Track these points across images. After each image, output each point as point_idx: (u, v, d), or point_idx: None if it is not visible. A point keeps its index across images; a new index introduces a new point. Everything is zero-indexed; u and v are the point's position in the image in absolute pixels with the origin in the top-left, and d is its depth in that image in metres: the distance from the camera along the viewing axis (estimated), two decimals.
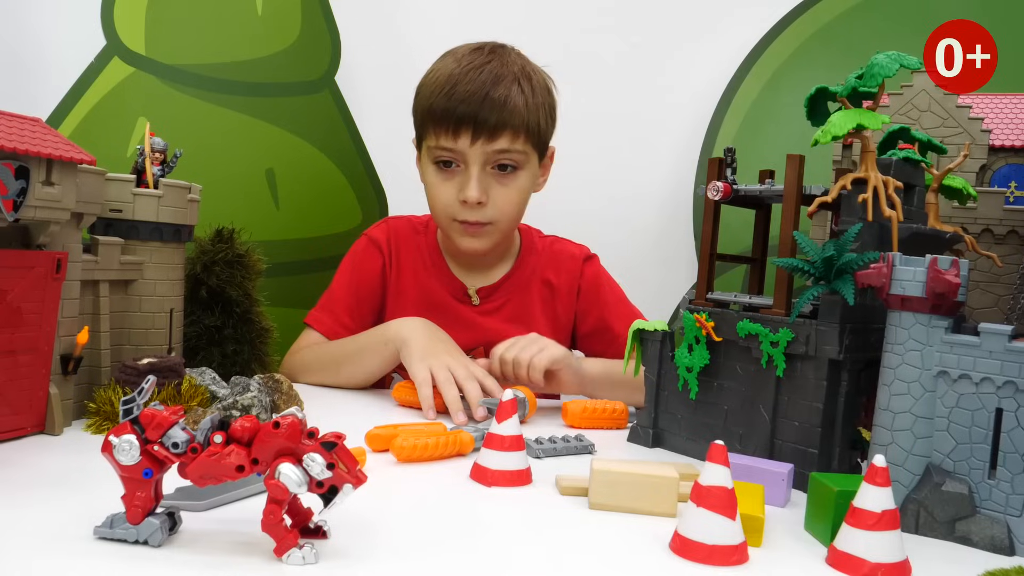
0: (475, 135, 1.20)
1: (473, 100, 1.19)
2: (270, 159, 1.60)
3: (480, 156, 1.22)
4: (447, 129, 1.20)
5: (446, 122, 1.20)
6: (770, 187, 0.89)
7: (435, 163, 1.26)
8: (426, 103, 1.23)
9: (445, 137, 1.21)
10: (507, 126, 1.21)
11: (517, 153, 1.24)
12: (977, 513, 0.72)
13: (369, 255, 1.37)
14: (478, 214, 1.24)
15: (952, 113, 1.09)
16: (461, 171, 1.24)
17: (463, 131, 1.20)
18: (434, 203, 1.29)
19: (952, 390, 0.73)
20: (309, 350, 1.28)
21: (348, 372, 1.21)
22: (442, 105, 1.20)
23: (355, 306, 1.34)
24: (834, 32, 1.70)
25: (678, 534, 0.64)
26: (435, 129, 1.22)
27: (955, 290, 0.71)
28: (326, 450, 0.56)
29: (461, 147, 1.21)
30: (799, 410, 0.85)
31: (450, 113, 1.19)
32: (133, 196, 0.93)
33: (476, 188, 1.22)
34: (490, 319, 1.35)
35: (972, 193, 0.92)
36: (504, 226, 1.29)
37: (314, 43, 1.67)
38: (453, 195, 1.24)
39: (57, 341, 0.83)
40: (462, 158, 1.23)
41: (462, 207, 1.24)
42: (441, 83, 1.21)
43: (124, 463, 0.56)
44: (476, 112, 1.19)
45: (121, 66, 1.47)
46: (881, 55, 0.79)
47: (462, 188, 1.23)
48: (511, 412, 0.79)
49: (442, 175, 1.26)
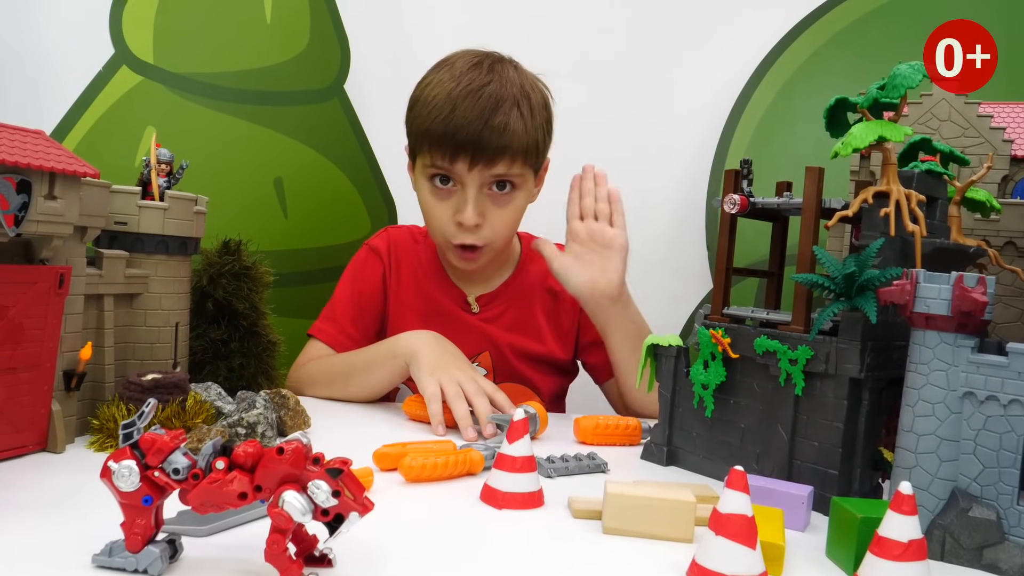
0: (473, 161, 1.18)
1: (472, 127, 1.17)
2: (278, 168, 1.59)
3: (477, 179, 1.21)
4: (444, 153, 1.19)
5: (443, 146, 1.18)
6: (788, 200, 0.87)
7: (429, 179, 1.24)
8: (422, 124, 1.21)
9: (441, 159, 1.20)
10: (506, 152, 1.19)
11: (515, 176, 1.24)
12: (1006, 540, 0.69)
13: (370, 264, 1.37)
14: (473, 236, 1.23)
15: (973, 123, 1.07)
16: (457, 191, 1.23)
17: (461, 156, 1.18)
18: (429, 222, 1.29)
19: (979, 412, 0.70)
20: (315, 363, 1.27)
21: (356, 386, 1.20)
22: (440, 129, 1.18)
23: (358, 316, 1.33)
24: (849, 39, 1.67)
25: (696, 563, 0.61)
26: (431, 150, 1.20)
27: (982, 309, 0.69)
28: (331, 477, 0.54)
29: (458, 171, 1.20)
30: (818, 430, 0.82)
31: (448, 138, 1.17)
32: (138, 208, 0.92)
33: (473, 212, 1.21)
34: (491, 326, 1.34)
35: (996, 206, 0.90)
36: (498, 246, 1.29)
37: (323, 51, 1.66)
38: (449, 216, 1.23)
39: (60, 357, 0.82)
40: (459, 179, 1.22)
41: (457, 228, 1.23)
42: (439, 105, 1.19)
43: (123, 489, 0.54)
44: (475, 139, 1.17)
45: (129, 75, 1.46)
46: (903, 65, 0.76)
47: (459, 210, 1.22)
48: (523, 432, 0.77)
49: (438, 193, 1.24)
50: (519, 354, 1.34)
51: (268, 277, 1.09)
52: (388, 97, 1.73)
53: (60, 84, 1.43)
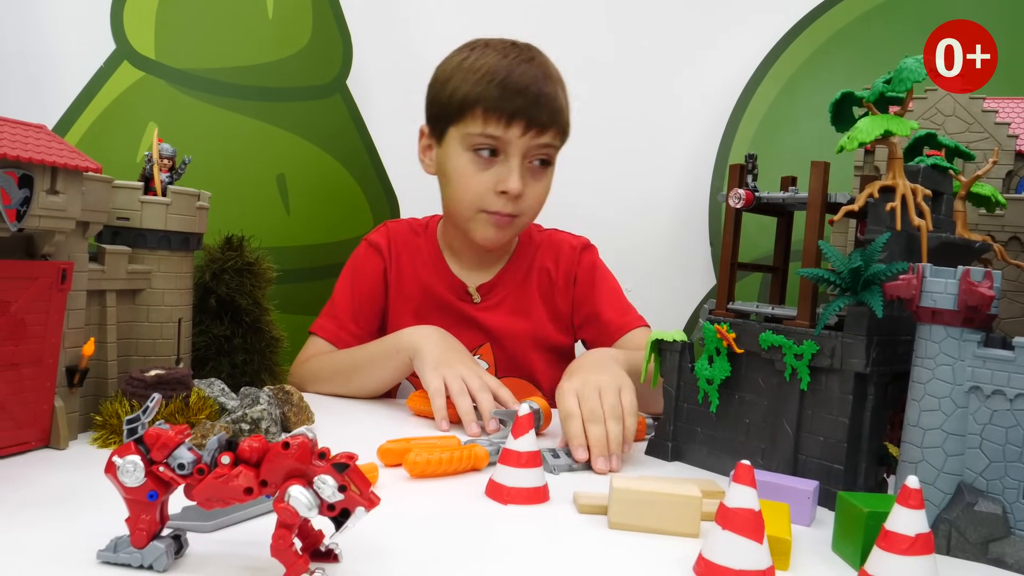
0: (527, 127, 1.20)
1: (528, 93, 1.19)
2: (281, 164, 1.58)
3: (523, 148, 1.21)
4: (498, 118, 1.19)
5: (498, 111, 1.19)
6: (794, 195, 0.87)
7: (472, 151, 1.23)
8: (470, 90, 1.21)
9: (494, 125, 1.19)
10: (555, 123, 1.23)
11: (554, 149, 1.27)
12: (1012, 534, 0.69)
13: (369, 259, 1.37)
14: (512, 206, 1.23)
15: (977, 118, 1.06)
16: (499, 161, 1.23)
17: (516, 122, 1.19)
18: (463, 192, 1.25)
19: (985, 406, 0.70)
20: (317, 360, 1.27)
21: (359, 382, 1.20)
22: (495, 94, 1.19)
23: (358, 311, 1.33)
24: (851, 35, 1.66)
25: (703, 557, 0.61)
26: (484, 116, 1.20)
27: (989, 303, 0.69)
28: (338, 472, 0.54)
29: (509, 137, 1.20)
30: (824, 425, 0.82)
31: (504, 102, 1.19)
32: (141, 204, 0.91)
33: (519, 180, 1.21)
34: (493, 315, 1.34)
35: (1001, 201, 0.89)
36: (528, 220, 1.30)
37: (325, 47, 1.65)
38: (489, 185, 1.23)
39: (62, 353, 0.81)
40: (503, 149, 1.22)
41: (497, 197, 1.23)
42: (493, 70, 1.20)
43: (128, 485, 0.54)
44: (530, 105, 1.19)
45: (131, 70, 1.46)
46: (909, 59, 0.76)
47: (502, 179, 1.22)
48: (527, 427, 0.77)
49: (478, 164, 1.23)
50: (521, 342, 1.34)
51: (271, 273, 1.09)
52: (390, 93, 1.73)
53: (61, 80, 1.43)
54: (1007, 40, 1.37)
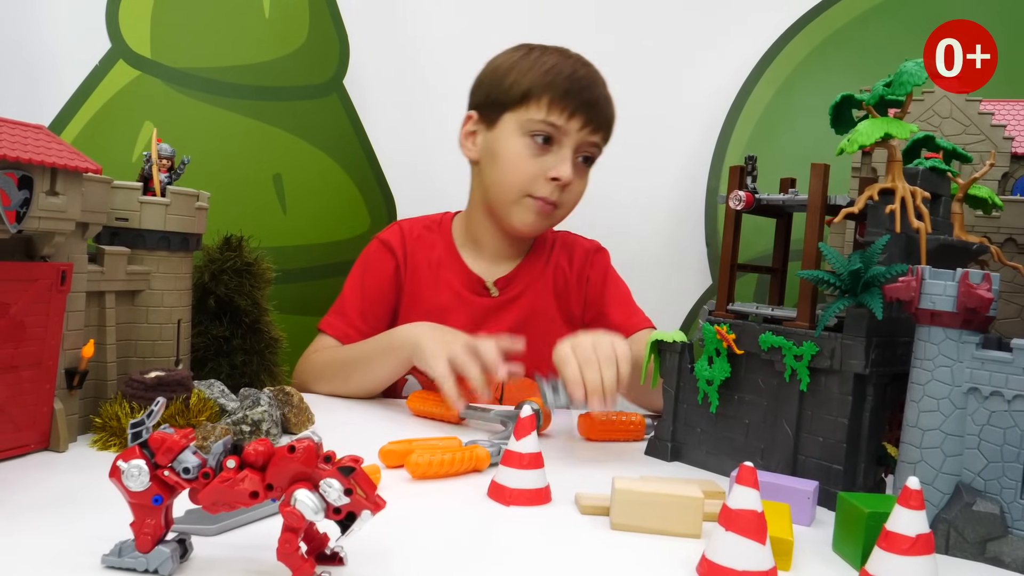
0: (587, 122, 1.25)
1: (594, 90, 1.27)
2: (277, 164, 1.58)
3: (576, 141, 1.26)
4: (562, 108, 1.24)
5: (563, 101, 1.24)
6: (794, 196, 0.87)
7: (529, 136, 1.26)
8: (541, 80, 1.25)
9: (557, 115, 1.24)
10: (606, 126, 1.30)
11: (598, 150, 1.32)
12: (1009, 534, 0.70)
13: (381, 258, 1.36)
14: (558, 193, 1.27)
15: (974, 120, 1.07)
16: (553, 151, 1.26)
17: (577, 115, 1.24)
18: (514, 174, 1.27)
19: (983, 407, 0.71)
20: (319, 355, 1.27)
21: (357, 380, 1.20)
22: (564, 86, 1.24)
23: (368, 309, 1.32)
24: (847, 36, 1.67)
25: (706, 559, 0.62)
26: (549, 105, 1.24)
27: (988, 305, 0.69)
28: (343, 475, 0.54)
29: (568, 128, 1.25)
30: (823, 425, 0.83)
31: (571, 94, 1.24)
32: (140, 204, 0.91)
33: (570, 168, 1.26)
34: (510, 309, 1.34)
35: (998, 203, 0.90)
36: (564, 214, 1.33)
37: (322, 46, 1.65)
38: (540, 170, 1.26)
39: (62, 355, 0.81)
40: (559, 139, 1.26)
41: (546, 183, 1.26)
42: (558, 66, 1.26)
43: (133, 489, 0.54)
44: (594, 102, 1.26)
45: (126, 69, 1.45)
46: (910, 63, 0.76)
47: (554, 166, 1.25)
48: (530, 428, 0.77)
49: (533, 149, 1.26)
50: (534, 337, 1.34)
51: (270, 273, 1.09)
52: (387, 92, 1.73)
53: (56, 78, 1.42)
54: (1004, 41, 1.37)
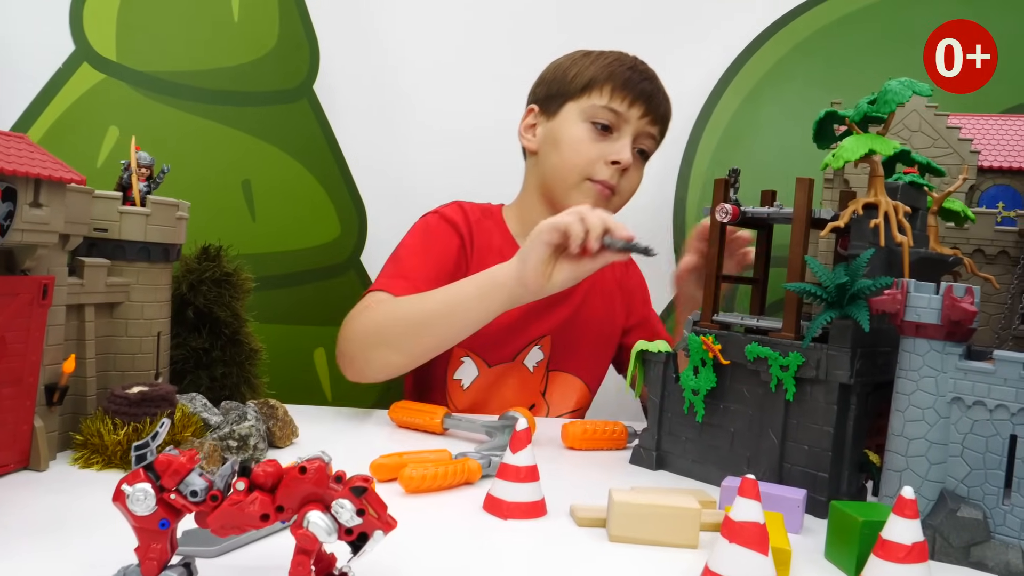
0: (647, 111, 1.29)
1: (654, 82, 1.32)
2: (246, 170, 1.56)
3: (635, 130, 1.30)
4: (623, 96, 1.28)
5: (625, 89, 1.28)
6: (779, 210, 0.89)
7: (590, 122, 1.29)
8: (604, 70, 1.29)
9: (619, 102, 1.28)
10: (664, 120, 1.34)
11: (654, 144, 1.35)
12: (992, 538, 0.72)
13: (445, 232, 1.33)
14: (617, 178, 1.29)
15: (942, 134, 1.10)
16: (613, 139, 1.29)
17: (638, 103, 1.28)
18: (575, 157, 1.29)
19: (966, 416, 0.73)
20: (379, 309, 1.16)
21: (443, 328, 1.11)
22: (626, 75, 1.29)
23: (433, 279, 1.23)
24: (813, 47, 1.71)
25: (709, 570, 0.62)
26: (612, 92, 1.28)
27: (972, 318, 0.71)
28: (356, 495, 0.53)
29: (629, 116, 1.28)
30: (809, 434, 0.84)
31: (632, 82, 1.28)
32: (119, 215, 0.89)
33: (630, 152, 1.29)
34: (560, 307, 1.34)
35: (971, 216, 0.93)
36: (621, 203, 1.35)
37: (292, 50, 1.63)
38: (600, 154, 1.28)
39: (41, 370, 0.79)
40: (619, 126, 1.29)
41: (606, 167, 1.28)
42: (621, 58, 1.32)
43: (139, 513, 0.53)
44: (654, 93, 1.31)
45: (91, 72, 1.41)
46: (894, 82, 0.79)
47: (614, 151, 1.28)
48: (525, 442, 0.77)
49: (593, 134, 1.29)
50: (579, 336, 1.36)
51: (249, 284, 1.07)
52: (357, 97, 1.72)
53: (17, 82, 1.38)
54: None
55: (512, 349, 1.32)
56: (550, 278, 1.05)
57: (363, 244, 1.72)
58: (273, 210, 1.59)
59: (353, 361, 1.16)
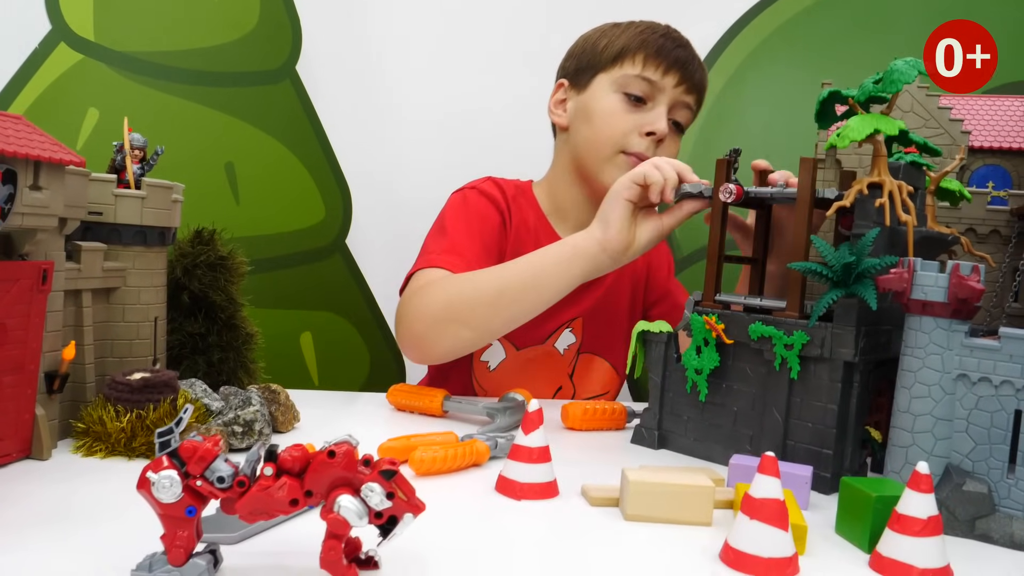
0: (681, 80, 1.25)
1: (688, 49, 1.27)
2: (229, 152, 1.53)
3: (671, 99, 1.25)
4: (658, 64, 1.24)
5: (659, 57, 1.24)
6: (782, 190, 0.89)
7: (623, 93, 1.25)
8: (635, 38, 1.25)
9: (653, 70, 1.24)
10: (700, 89, 1.29)
11: (690, 114, 1.30)
12: (997, 511, 0.74)
13: (485, 208, 1.30)
14: (653, 149, 1.25)
15: (934, 114, 1.12)
16: (647, 109, 1.25)
17: (672, 71, 1.24)
18: (608, 130, 1.25)
19: (971, 392, 0.75)
20: (444, 285, 1.11)
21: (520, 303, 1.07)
22: (659, 42, 1.25)
23: (483, 255, 1.21)
24: (796, 29, 1.72)
25: (730, 546, 0.63)
26: (645, 61, 1.24)
27: (979, 296, 0.73)
28: (385, 479, 0.53)
29: (663, 84, 1.24)
30: (813, 412, 0.85)
31: (667, 51, 1.24)
32: (114, 198, 0.87)
33: (665, 123, 1.24)
34: (592, 287, 1.31)
35: (967, 196, 0.94)
36: None
37: (273, 31, 1.60)
38: (634, 125, 1.24)
39: (41, 358, 0.77)
40: (653, 95, 1.25)
41: (641, 139, 1.24)
42: (652, 26, 1.27)
43: (165, 501, 0.52)
44: (689, 61, 1.26)
45: (68, 52, 1.38)
46: (899, 61, 0.79)
47: (649, 122, 1.24)
48: (537, 423, 0.77)
49: (627, 105, 1.25)
50: (611, 317, 1.34)
51: (244, 267, 1.05)
52: (341, 77, 1.69)
53: None
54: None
55: (544, 332, 1.30)
56: (634, 239, 1.05)
57: (348, 227, 1.71)
58: (257, 193, 1.57)
59: (422, 341, 1.12)
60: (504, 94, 1.70)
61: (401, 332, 1.15)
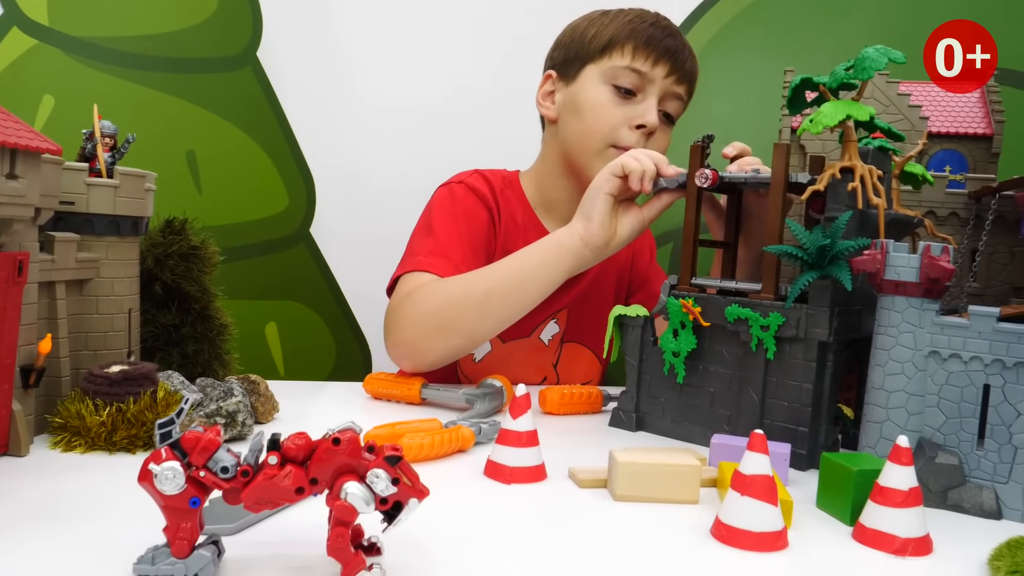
0: (672, 70, 1.23)
1: (678, 39, 1.25)
2: (190, 140, 1.50)
3: (661, 89, 1.23)
4: (648, 54, 1.22)
5: (648, 47, 1.22)
6: (756, 175, 0.91)
7: (612, 85, 1.23)
8: (624, 28, 1.23)
9: (642, 61, 1.22)
10: (690, 79, 1.28)
11: (681, 105, 1.29)
12: (967, 482, 0.77)
13: (473, 204, 1.28)
14: (643, 142, 1.23)
15: (894, 100, 1.15)
16: (637, 101, 1.24)
17: (662, 61, 1.22)
18: (597, 123, 1.24)
19: (942, 368, 0.78)
20: (432, 292, 1.11)
21: (507, 306, 1.08)
22: (649, 32, 1.22)
23: (471, 256, 1.20)
24: (756, 14, 1.75)
25: (721, 522, 0.65)
26: (634, 51, 1.22)
27: (950, 275, 0.75)
28: (390, 464, 0.53)
29: (653, 75, 1.22)
30: (788, 391, 0.88)
31: (656, 40, 1.22)
32: (87, 187, 0.85)
33: (656, 115, 1.23)
34: (578, 279, 1.30)
35: (929, 179, 0.98)
36: None
37: (233, 16, 1.56)
38: (624, 118, 1.23)
39: (16, 352, 0.75)
40: (643, 87, 1.23)
41: (631, 132, 1.23)
42: (642, 15, 1.25)
43: (167, 492, 0.51)
44: (679, 50, 1.24)
45: (21, 37, 1.33)
46: (871, 49, 0.82)
47: (639, 114, 1.22)
48: (525, 407, 0.78)
49: (616, 98, 1.23)
50: (595, 307, 1.33)
51: (217, 257, 1.03)
52: (302, 64, 1.67)
53: None
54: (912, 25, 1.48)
55: (530, 325, 1.29)
56: (615, 233, 1.06)
57: (312, 216, 1.69)
58: (219, 181, 1.55)
59: (413, 350, 1.12)
60: (473, 81, 1.70)
61: (392, 341, 1.15)
